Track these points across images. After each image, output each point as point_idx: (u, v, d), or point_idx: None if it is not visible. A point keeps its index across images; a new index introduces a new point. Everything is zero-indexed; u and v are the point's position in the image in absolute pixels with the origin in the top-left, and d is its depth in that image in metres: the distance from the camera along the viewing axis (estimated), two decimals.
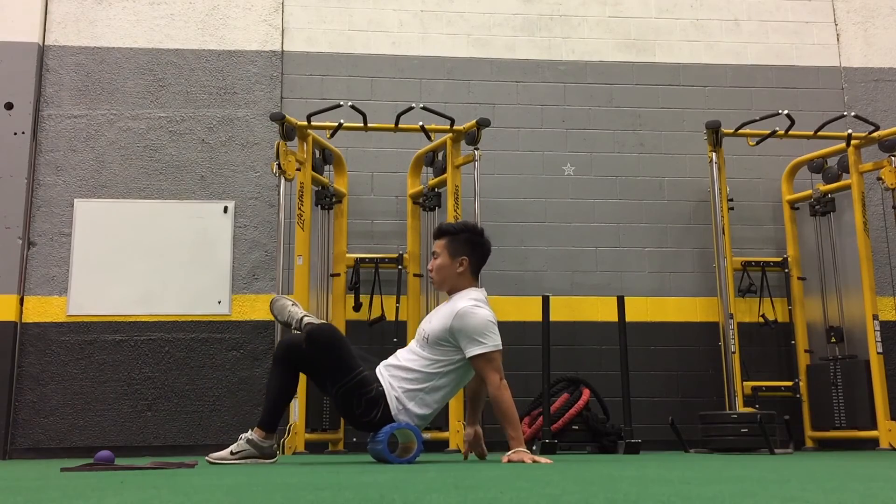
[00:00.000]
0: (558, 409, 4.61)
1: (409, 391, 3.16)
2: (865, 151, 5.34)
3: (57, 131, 5.45)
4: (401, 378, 3.18)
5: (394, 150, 5.55)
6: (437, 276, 3.32)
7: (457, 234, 3.35)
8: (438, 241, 3.36)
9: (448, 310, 3.21)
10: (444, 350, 3.19)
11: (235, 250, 5.37)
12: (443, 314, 3.23)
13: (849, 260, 5.22)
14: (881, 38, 6.03)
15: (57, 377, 5.10)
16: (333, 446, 4.99)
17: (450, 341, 3.18)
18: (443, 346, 3.19)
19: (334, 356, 3.12)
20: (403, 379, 3.18)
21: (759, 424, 4.28)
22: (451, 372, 3.21)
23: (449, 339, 3.18)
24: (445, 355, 3.19)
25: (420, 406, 3.17)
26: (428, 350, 3.21)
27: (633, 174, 5.74)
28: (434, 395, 3.20)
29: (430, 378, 3.19)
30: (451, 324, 3.15)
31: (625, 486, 1.70)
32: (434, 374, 3.19)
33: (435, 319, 3.25)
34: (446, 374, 3.20)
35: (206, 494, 1.55)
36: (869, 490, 1.59)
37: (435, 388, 3.19)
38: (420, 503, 1.33)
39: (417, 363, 3.20)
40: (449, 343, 3.18)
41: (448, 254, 3.31)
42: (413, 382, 3.18)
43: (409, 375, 3.18)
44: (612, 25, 5.96)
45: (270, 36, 5.69)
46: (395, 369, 3.21)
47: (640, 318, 5.40)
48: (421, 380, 3.18)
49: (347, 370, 3.12)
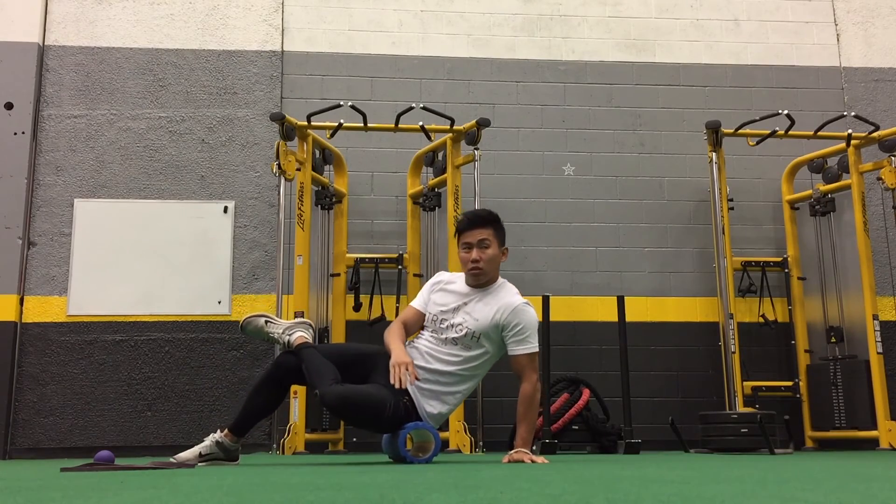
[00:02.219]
0: (558, 409, 4.61)
1: (435, 392, 3.08)
2: (865, 151, 5.34)
3: (57, 131, 5.45)
4: (430, 381, 3.08)
5: (394, 150, 5.55)
6: (488, 266, 3.13)
7: (500, 222, 3.22)
8: (483, 230, 3.14)
9: (499, 304, 3.09)
10: (484, 347, 3.11)
11: (235, 250, 5.37)
12: (492, 309, 3.09)
13: (849, 260, 5.22)
14: (881, 38, 6.03)
15: (57, 377, 5.10)
16: (333, 446, 4.99)
17: (492, 337, 3.10)
18: (485, 343, 3.10)
19: (359, 411, 2.97)
20: (433, 381, 3.08)
21: (759, 424, 4.28)
22: (482, 367, 3.16)
23: (492, 335, 3.10)
24: (482, 352, 3.11)
25: (441, 405, 3.10)
26: (466, 349, 3.10)
27: (633, 174, 5.74)
28: (458, 396, 3.15)
29: (466, 380, 3.12)
30: (505, 319, 3.06)
31: (625, 486, 1.70)
32: (470, 375, 3.13)
33: (480, 315, 3.09)
34: (479, 372, 3.17)
35: (205, 494, 1.55)
36: (869, 490, 1.59)
37: (464, 389, 3.14)
38: (420, 503, 1.33)
39: (454, 366, 3.10)
40: (490, 339, 3.10)
41: (498, 243, 3.17)
42: (446, 385, 3.09)
43: (444, 379, 3.09)
44: (612, 25, 5.96)
45: (270, 36, 5.69)
46: (424, 372, 3.08)
47: (640, 318, 5.40)
48: (455, 382, 3.10)
49: (378, 412, 2.94)
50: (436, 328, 3.18)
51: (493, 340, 3.11)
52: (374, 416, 2.96)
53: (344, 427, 5.01)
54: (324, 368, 2.96)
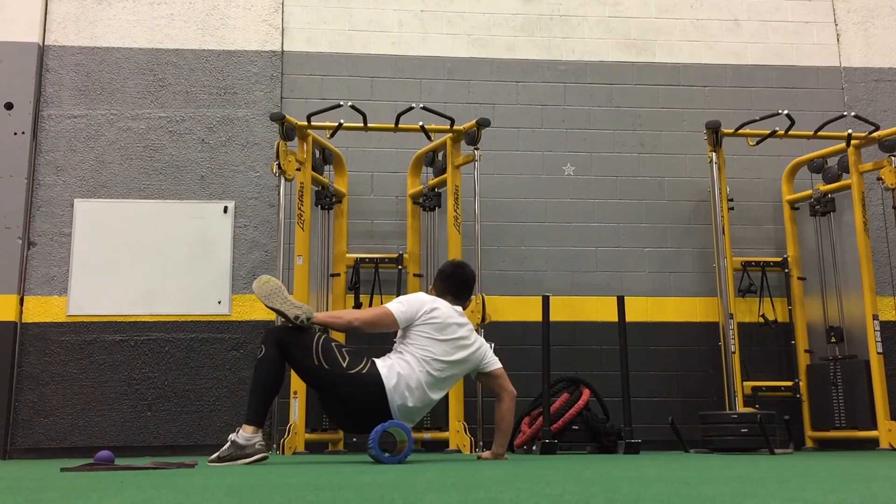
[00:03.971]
0: (558, 409, 4.60)
1: (431, 377, 3.26)
2: (865, 151, 5.34)
3: (57, 131, 5.45)
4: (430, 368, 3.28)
5: (394, 150, 5.55)
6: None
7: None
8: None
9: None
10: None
11: (235, 250, 5.37)
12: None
13: (849, 260, 5.22)
14: (881, 38, 6.03)
15: (57, 377, 5.09)
16: (333, 446, 4.99)
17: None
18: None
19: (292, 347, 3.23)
20: (433, 369, 3.28)
21: (759, 424, 4.28)
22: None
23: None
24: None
25: (436, 392, 3.30)
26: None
27: (633, 174, 5.74)
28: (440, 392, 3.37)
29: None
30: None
31: (625, 486, 1.70)
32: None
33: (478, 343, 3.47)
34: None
35: (206, 494, 1.55)
36: (869, 490, 1.59)
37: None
38: (420, 503, 1.33)
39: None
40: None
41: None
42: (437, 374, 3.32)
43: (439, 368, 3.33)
44: (612, 25, 5.96)
45: (270, 36, 5.69)
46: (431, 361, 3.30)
47: (640, 318, 5.40)
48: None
49: (306, 349, 3.21)
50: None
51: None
52: (304, 353, 3.17)
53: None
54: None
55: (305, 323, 3.17)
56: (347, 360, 3.16)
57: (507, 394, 3.53)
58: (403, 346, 3.32)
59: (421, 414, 3.36)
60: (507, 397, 3.53)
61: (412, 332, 3.30)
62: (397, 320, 3.29)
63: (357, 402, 3.18)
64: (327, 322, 3.32)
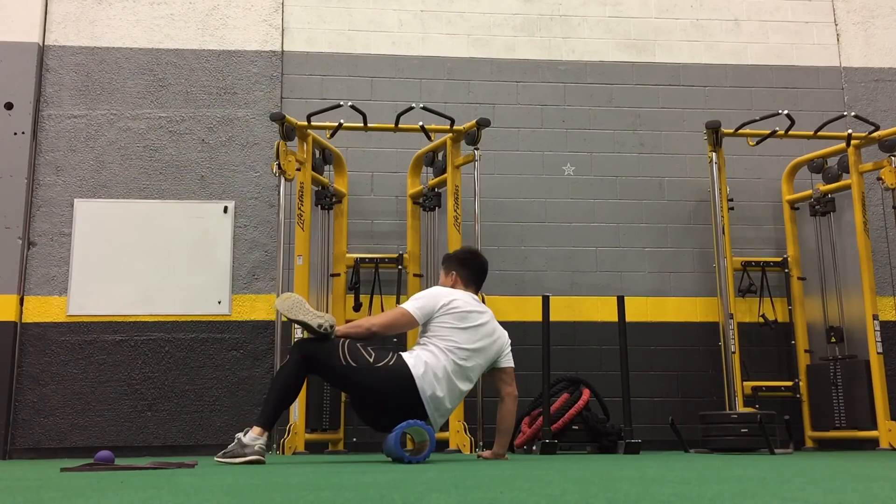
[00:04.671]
0: (558, 409, 4.60)
1: (457, 366, 3.31)
2: (865, 151, 5.34)
3: (57, 131, 5.45)
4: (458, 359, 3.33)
5: (394, 150, 5.55)
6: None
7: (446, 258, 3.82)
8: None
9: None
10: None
11: (235, 250, 5.37)
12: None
13: (849, 260, 5.22)
14: (881, 38, 6.03)
15: (57, 377, 5.10)
16: (333, 446, 4.99)
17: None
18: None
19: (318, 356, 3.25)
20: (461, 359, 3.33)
21: (759, 424, 4.28)
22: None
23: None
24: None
25: (462, 382, 3.32)
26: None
27: (633, 174, 5.74)
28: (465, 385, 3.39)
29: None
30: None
31: (625, 486, 1.70)
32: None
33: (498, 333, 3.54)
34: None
35: (206, 494, 1.55)
36: (869, 490, 1.59)
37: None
38: (420, 503, 1.33)
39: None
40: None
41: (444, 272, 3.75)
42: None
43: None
44: (612, 25, 5.96)
45: (270, 36, 5.69)
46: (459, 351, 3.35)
47: (640, 318, 5.40)
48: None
49: (333, 354, 3.25)
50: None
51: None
52: (330, 357, 3.20)
53: (344, 427, 5.01)
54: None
55: (329, 331, 3.21)
56: (374, 355, 3.22)
57: (510, 395, 3.56)
58: (427, 338, 3.37)
59: (452, 406, 3.36)
60: (510, 399, 3.56)
61: (433, 324, 3.36)
62: (415, 318, 3.36)
63: (388, 395, 3.20)
64: (347, 333, 3.35)
